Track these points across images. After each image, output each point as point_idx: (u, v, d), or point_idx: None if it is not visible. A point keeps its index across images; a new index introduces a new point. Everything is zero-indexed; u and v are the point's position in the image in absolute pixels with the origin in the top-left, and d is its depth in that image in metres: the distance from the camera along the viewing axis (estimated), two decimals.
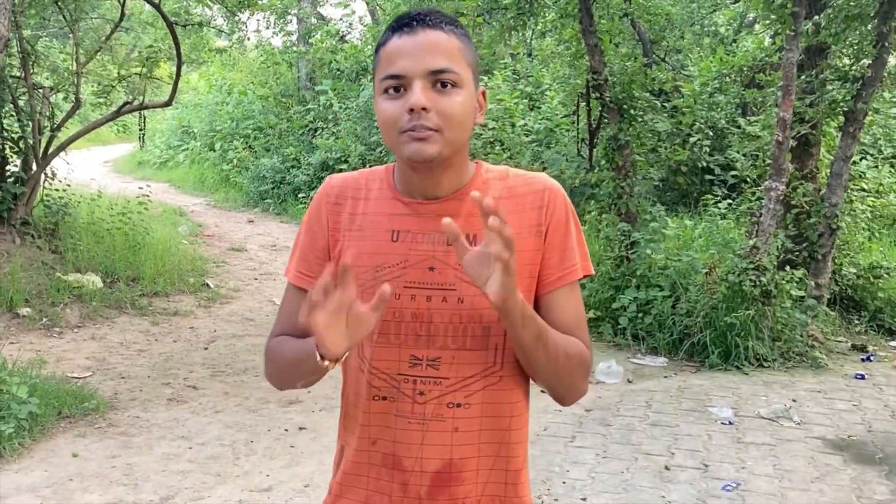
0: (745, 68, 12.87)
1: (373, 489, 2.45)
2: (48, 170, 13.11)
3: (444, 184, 2.40)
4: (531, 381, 2.50)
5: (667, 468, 6.92)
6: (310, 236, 2.54)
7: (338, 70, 26.01)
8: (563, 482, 6.63)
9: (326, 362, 2.24)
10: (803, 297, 10.08)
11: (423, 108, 2.23)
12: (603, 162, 12.05)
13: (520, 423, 2.49)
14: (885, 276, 11.22)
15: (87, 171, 22.88)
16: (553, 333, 2.32)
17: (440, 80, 2.27)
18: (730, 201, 13.88)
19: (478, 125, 2.48)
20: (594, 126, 12.75)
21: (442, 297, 2.36)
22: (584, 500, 6.35)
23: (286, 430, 7.71)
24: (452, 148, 2.32)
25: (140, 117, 21.26)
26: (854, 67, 10.64)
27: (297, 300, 2.46)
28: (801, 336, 9.93)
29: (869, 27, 10.29)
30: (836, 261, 10.99)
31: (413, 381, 2.37)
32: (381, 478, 2.43)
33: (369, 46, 27.35)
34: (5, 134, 12.69)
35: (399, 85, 2.27)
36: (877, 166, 15.84)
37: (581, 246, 2.48)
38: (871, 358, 10.05)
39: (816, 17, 10.48)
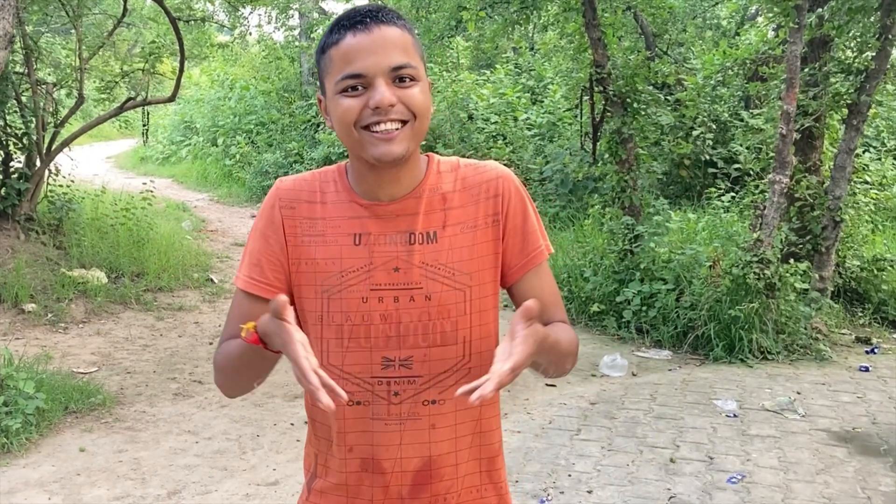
0: (748, 61, 12.86)
1: (353, 495, 2.46)
2: (52, 166, 13.14)
3: (404, 181, 2.40)
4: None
5: (672, 461, 6.93)
6: (263, 242, 2.48)
7: None
8: (569, 475, 6.65)
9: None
10: (807, 289, 10.09)
11: (391, 105, 2.23)
12: (606, 156, 12.05)
13: (492, 410, 2.53)
14: (889, 268, 11.22)
15: (91, 166, 22.97)
16: (556, 336, 2.34)
17: (399, 76, 2.26)
18: (733, 194, 13.92)
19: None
20: (597, 120, 12.76)
21: (409, 297, 2.37)
22: (589, 492, 6.37)
23: (292, 423, 7.73)
24: (417, 141, 2.33)
25: (143, 113, 21.43)
26: (857, 60, 10.64)
27: (248, 306, 2.47)
28: (805, 329, 9.94)
29: (872, 19, 10.29)
30: (839, 253, 11.00)
31: (387, 382, 2.38)
32: (362, 483, 2.44)
33: None
34: (9, 130, 12.72)
35: (358, 84, 2.26)
36: (880, 159, 15.86)
37: (540, 225, 2.53)
38: (876, 350, 10.07)
39: (820, 9, 10.47)
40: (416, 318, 2.37)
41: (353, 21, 2.29)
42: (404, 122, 2.26)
